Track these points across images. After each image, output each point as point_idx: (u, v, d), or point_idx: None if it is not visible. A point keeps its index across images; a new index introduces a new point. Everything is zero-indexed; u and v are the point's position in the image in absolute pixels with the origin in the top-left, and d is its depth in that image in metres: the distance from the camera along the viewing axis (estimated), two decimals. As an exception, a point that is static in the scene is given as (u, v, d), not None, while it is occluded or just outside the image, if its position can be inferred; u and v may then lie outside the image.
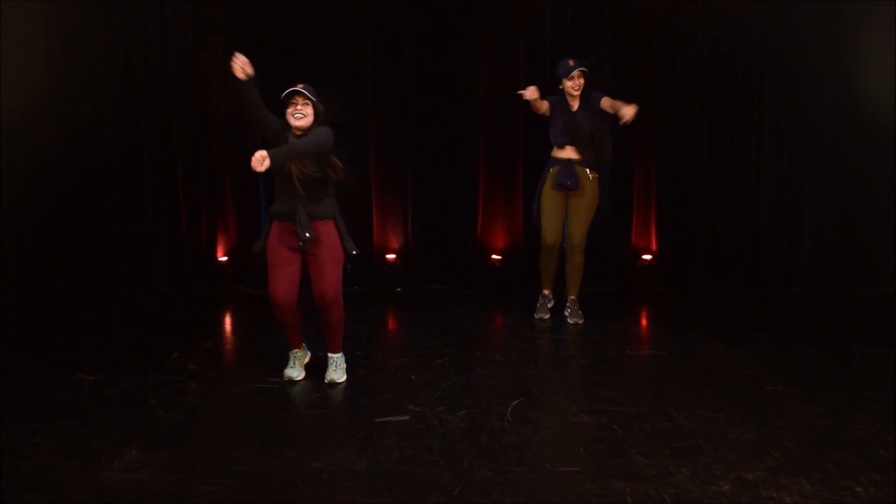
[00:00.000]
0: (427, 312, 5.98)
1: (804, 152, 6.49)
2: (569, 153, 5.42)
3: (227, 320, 6.02)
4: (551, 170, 5.46)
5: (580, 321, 5.53)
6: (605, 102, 5.27)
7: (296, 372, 4.43)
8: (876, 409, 3.94)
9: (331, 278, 4.16)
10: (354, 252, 4.24)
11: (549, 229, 5.47)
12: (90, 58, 6.39)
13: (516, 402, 4.07)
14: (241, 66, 3.95)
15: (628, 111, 5.01)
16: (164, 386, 4.34)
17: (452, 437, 3.65)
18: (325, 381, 4.35)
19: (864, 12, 6.30)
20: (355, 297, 6.38)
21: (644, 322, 5.77)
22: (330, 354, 4.42)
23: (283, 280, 4.18)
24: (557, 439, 3.64)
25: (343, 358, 4.45)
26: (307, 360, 4.55)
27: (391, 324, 5.88)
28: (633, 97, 5.38)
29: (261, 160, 3.78)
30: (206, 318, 5.97)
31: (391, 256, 6.66)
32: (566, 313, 5.62)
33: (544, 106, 5.38)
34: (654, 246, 6.58)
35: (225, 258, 6.64)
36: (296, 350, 4.47)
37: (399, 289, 6.67)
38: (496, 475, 3.28)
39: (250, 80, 4.00)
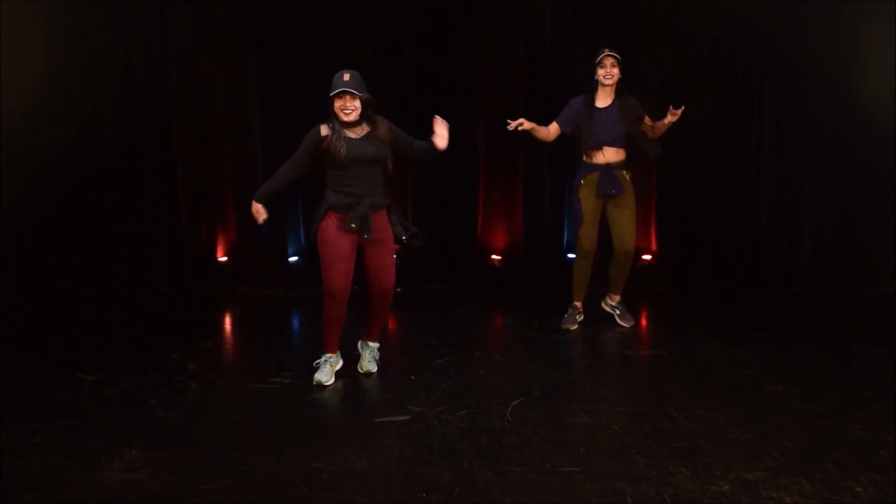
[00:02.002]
0: (427, 312, 5.99)
1: (804, 152, 6.49)
2: (605, 157, 5.17)
3: (227, 320, 6.02)
4: (589, 176, 5.19)
5: (632, 322, 5.48)
6: (648, 122, 5.19)
7: (328, 377, 4.34)
8: (876, 409, 3.94)
9: (392, 270, 4.36)
10: (403, 238, 4.36)
11: (590, 236, 5.25)
12: (90, 58, 6.38)
13: (516, 402, 4.07)
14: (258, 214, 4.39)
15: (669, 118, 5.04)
16: (163, 386, 4.34)
17: (452, 437, 3.65)
18: (361, 371, 4.49)
19: (864, 12, 6.30)
20: (355, 297, 6.37)
21: (644, 322, 5.77)
22: (370, 344, 4.59)
23: (343, 275, 4.20)
24: (557, 439, 3.64)
25: (377, 349, 4.63)
26: (339, 366, 4.48)
27: (391, 324, 5.87)
28: (634, 97, 5.35)
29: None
30: (206, 318, 5.97)
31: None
32: (616, 313, 5.52)
33: (552, 127, 5.22)
34: (654, 246, 6.58)
35: (225, 258, 6.64)
36: (331, 355, 4.39)
37: (399, 289, 6.65)
38: (496, 475, 3.28)
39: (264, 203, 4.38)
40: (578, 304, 5.51)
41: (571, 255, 6.34)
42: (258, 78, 6.47)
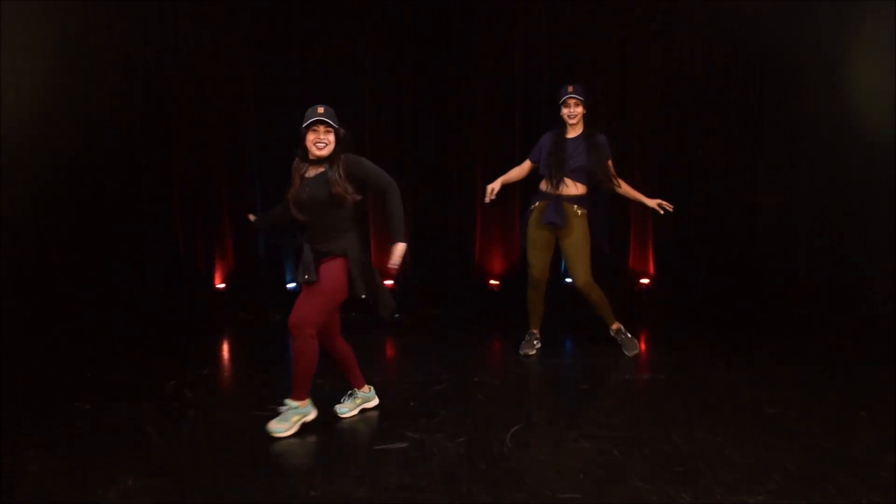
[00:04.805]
0: (425, 338, 5.97)
1: (802, 171, 6.51)
2: (561, 188, 5.16)
3: (226, 347, 6.01)
4: (537, 203, 5.26)
5: (636, 351, 5.36)
6: (624, 187, 5.26)
7: (344, 409, 4.28)
8: (876, 430, 3.93)
9: (301, 308, 3.88)
10: (363, 296, 3.96)
11: (536, 264, 5.28)
12: (89, 61, 6.40)
13: (515, 427, 4.06)
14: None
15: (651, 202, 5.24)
16: (161, 413, 4.31)
17: (451, 463, 3.63)
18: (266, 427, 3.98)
19: (863, 13, 6.31)
20: (353, 324, 6.36)
21: (643, 346, 5.75)
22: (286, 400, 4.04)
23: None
24: (557, 465, 3.62)
25: (298, 411, 4.00)
26: (363, 402, 4.35)
27: (389, 350, 5.86)
28: (631, 103, 5.34)
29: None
30: (205, 344, 5.95)
31: (389, 283, 6.65)
32: (619, 342, 5.42)
33: (525, 165, 5.38)
34: (651, 269, 6.58)
35: (223, 285, 6.64)
36: (354, 390, 4.33)
37: (397, 315, 6.66)
38: (496, 502, 3.25)
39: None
40: (535, 331, 5.52)
41: (569, 280, 6.34)
42: (257, 80, 6.52)
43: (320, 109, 3.91)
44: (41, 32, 6.34)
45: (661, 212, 5.28)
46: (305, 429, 4.09)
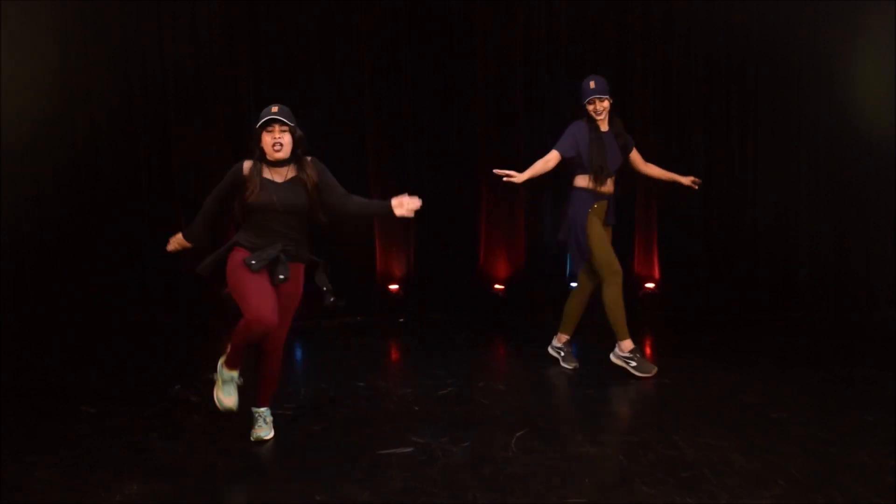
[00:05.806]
0: (430, 342, 5.97)
1: (803, 174, 6.51)
2: (609, 186, 4.96)
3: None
4: (599, 203, 4.93)
5: (576, 364, 5.19)
6: (638, 160, 5.15)
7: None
8: (880, 435, 3.92)
9: (284, 329, 3.91)
10: (332, 299, 3.88)
11: (615, 259, 4.91)
12: (90, 61, 6.42)
13: (520, 432, 4.05)
14: (178, 245, 4.10)
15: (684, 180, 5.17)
16: (164, 417, 4.32)
17: (456, 468, 3.63)
18: (252, 438, 3.94)
19: (863, 13, 6.31)
20: (357, 327, 6.38)
21: (647, 350, 5.75)
22: (256, 410, 4.01)
23: (267, 300, 3.69)
24: (562, 470, 3.62)
25: (268, 412, 4.04)
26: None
27: (394, 354, 5.86)
28: (629, 108, 5.33)
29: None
30: (207, 348, 5.94)
31: (394, 287, 6.65)
32: (561, 356, 5.26)
33: (552, 156, 4.87)
34: (656, 274, 6.57)
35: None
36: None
37: (402, 318, 6.66)
38: (500, 507, 3.25)
39: (192, 241, 4.08)
40: (629, 341, 5.01)
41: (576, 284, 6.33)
42: (256, 79, 6.54)
43: (274, 108, 3.75)
44: (42, 33, 6.35)
45: (696, 187, 5.24)
46: (309, 434, 4.10)
